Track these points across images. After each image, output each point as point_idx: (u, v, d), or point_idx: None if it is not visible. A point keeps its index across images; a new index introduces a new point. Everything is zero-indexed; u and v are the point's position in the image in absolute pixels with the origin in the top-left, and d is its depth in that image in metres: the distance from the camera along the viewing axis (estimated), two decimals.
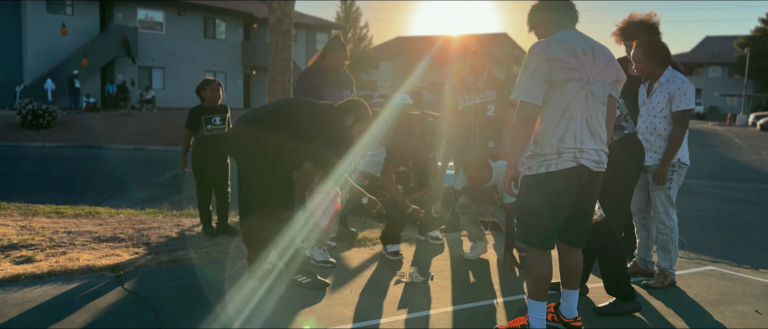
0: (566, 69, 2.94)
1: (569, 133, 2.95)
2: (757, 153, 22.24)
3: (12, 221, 5.89)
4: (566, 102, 2.96)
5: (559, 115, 2.96)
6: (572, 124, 2.95)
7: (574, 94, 2.96)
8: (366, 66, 43.92)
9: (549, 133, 2.97)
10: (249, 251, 4.08)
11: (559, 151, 2.94)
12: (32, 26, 25.59)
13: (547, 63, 2.92)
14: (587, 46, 3.04)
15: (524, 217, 3.07)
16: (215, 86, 5.49)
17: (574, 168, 2.96)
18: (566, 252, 3.22)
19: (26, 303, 3.46)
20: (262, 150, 3.85)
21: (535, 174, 3.01)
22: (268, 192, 3.89)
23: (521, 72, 2.99)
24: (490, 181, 4.74)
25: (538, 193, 2.99)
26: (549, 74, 2.93)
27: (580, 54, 2.99)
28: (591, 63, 3.00)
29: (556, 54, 2.94)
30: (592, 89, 3.00)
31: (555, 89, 2.95)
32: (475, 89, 5.52)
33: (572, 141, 2.94)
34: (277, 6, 6.98)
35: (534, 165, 3.01)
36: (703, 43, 67.18)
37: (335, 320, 3.41)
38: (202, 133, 5.38)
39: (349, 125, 3.97)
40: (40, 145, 17.29)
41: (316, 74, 4.92)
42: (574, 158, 2.95)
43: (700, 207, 9.35)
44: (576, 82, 2.96)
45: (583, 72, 2.97)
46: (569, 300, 3.25)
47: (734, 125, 40.71)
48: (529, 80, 2.93)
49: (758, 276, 4.75)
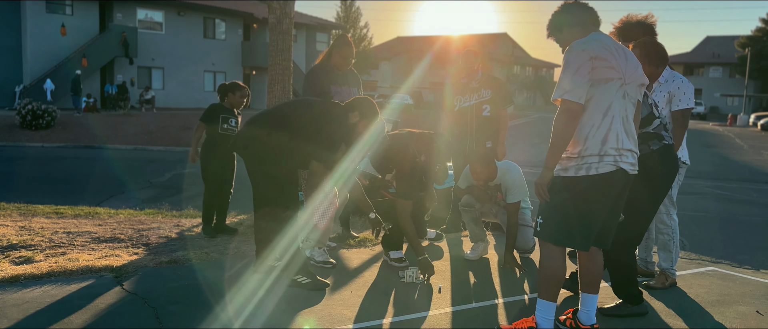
0: (608, 68, 2.91)
1: (612, 132, 2.91)
2: (758, 153, 22.23)
3: (12, 221, 5.88)
4: (608, 101, 2.92)
5: (602, 115, 2.92)
6: (614, 123, 2.93)
7: (614, 93, 2.93)
8: (366, 66, 43.92)
9: (592, 133, 2.92)
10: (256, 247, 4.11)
11: (601, 153, 2.90)
12: (32, 26, 25.58)
13: (591, 61, 2.88)
14: (619, 48, 3.02)
15: (554, 219, 2.98)
16: (245, 92, 5.51)
17: (614, 172, 2.91)
18: (588, 254, 3.15)
19: (26, 303, 3.45)
20: (266, 149, 3.86)
21: (573, 176, 2.93)
22: (271, 192, 3.90)
23: (563, 71, 2.94)
24: (495, 180, 4.73)
25: (575, 196, 2.92)
26: (592, 73, 2.89)
27: (616, 54, 2.96)
28: (625, 64, 2.98)
29: (598, 52, 2.90)
30: (627, 90, 2.98)
31: (597, 88, 2.91)
32: (469, 90, 5.55)
33: (615, 141, 2.91)
34: (277, 6, 6.97)
35: (571, 167, 2.94)
36: (704, 43, 67.20)
37: (335, 320, 3.40)
38: (216, 130, 5.36)
39: (355, 122, 3.97)
40: (40, 146, 17.28)
41: (323, 72, 4.94)
42: (615, 162, 2.91)
43: (700, 207, 9.34)
44: (616, 81, 2.93)
45: (621, 72, 2.95)
46: (588, 305, 3.18)
47: (735, 125, 40.70)
48: (573, 79, 2.87)
49: (759, 276, 4.74)
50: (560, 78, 2.94)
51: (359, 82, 5.24)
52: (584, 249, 3.02)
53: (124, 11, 28.44)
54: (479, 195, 4.84)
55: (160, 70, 30.08)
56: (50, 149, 16.87)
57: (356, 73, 5.25)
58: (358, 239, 5.35)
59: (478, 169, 4.63)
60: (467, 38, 53.49)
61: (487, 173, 4.63)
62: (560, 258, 3.02)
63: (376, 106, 4.10)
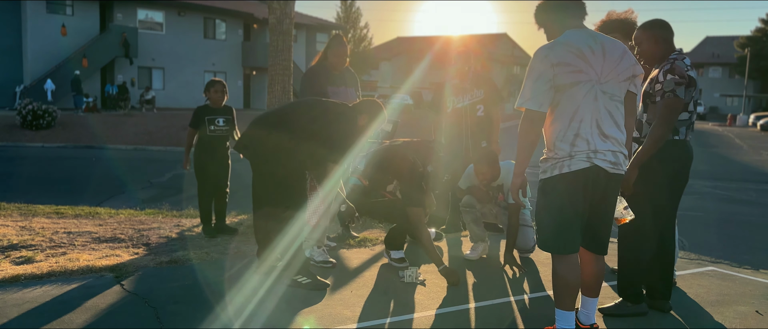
0: (572, 72, 2.87)
1: (580, 137, 2.88)
2: (758, 153, 22.23)
3: (12, 221, 5.88)
4: (574, 106, 2.89)
5: (569, 119, 2.89)
6: (582, 127, 2.88)
7: (582, 97, 2.88)
8: (366, 66, 43.94)
9: (560, 138, 2.91)
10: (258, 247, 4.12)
11: (571, 154, 2.89)
12: (32, 26, 25.59)
13: (552, 68, 2.86)
14: (596, 44, 2.93)
15: (542, 222, 3.00)
16: (219, 87, 5.51)
17: (588, 168, 2.88)
18: (587, 258, 3.13)
19: (26, 303, 3.46)
20: (270, 149, 3.87)
21: (549, 177, 2.95)
22: (273, 192, 3.91)
23: (526, 78, 2.93)
24: (497, 181, 4.73)
25: (553, 196, 2.93)
26: (554, 79, 2.86)
27: (588, 54, 2.89)
28: (601, 62, 2.91)
29: (560, 58, 2.87)
30: (604, 89, 2.91)
31: (562, 94, 2.89)
32: (462, 90, 5.58)
33: (584, 145, 2.88)
34: (277, 6, 6.98)
35: (548, 168, 2.96)
36: (704, 43, 67.19)
37: (335, 320, 3.41)
38: (205, 133, 5.39)
39: (364, 125, 4.00)
40: (40, 146, 17.28)
41: (320, 73, 4.94)
42: (588, 159, 2.88)
43: (700, 207, 9.34)
44: (584, 84, 2.88)
45: (592, 72, 2.89)
46: (587, 306, 3.18)
47: (734, 125, 40.70)
48: (534, 86, 2.87)
49: (758, 276, 4.74)
50: (523, 85, 2.94)
51: (356, 82, 5.25)
52: (572, 251, 2.95)
53: (125, 11, 28.44)
54: (480, 196, 4.83)
55: (160, 71, 30.09)
56: (51, 149, 16.87)
57: (353, 72, 5.25)
58: (358, 239, 5.35)
59: (483, 170, 4.61)
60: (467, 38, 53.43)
61: (491, 173, 4.63)
62: (568, 265, 2.96)
63: (384, 107, 4.12)
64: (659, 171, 3.52)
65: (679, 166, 3.58)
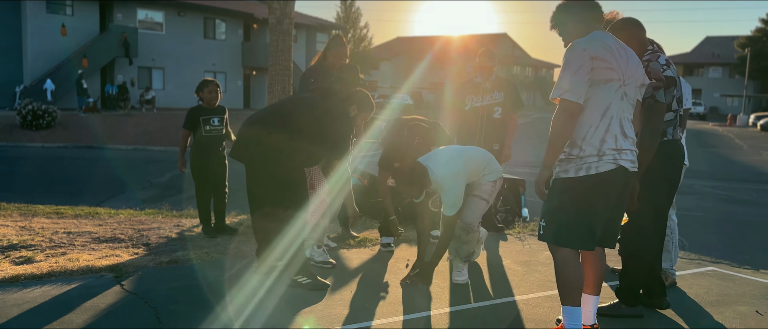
0: (607, 69, 2.88)
1: (610, 133, 2.89)
2: (758, 153, 22.23)
3: (12, 221, 5.88)
4: (607, 102, 2.90)
5: (600, 116, 2.89)
6: (612, 124, 2.90)
7: (613, 94, 2.91)
8: (366, 66, 43.94)
9: (590, 133, 2.89)
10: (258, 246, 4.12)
11: (600, 153, 2.88)
12: (32, 26, 25.57)
13: (591, 61, 2.85)
14: (621, 47, 2.99)
15: (556, 220, 2.97)
16: (213, 87, 5.50)
17: (614, 170, 2.89)
18: (592, 254, 3.14)
19: (26, 303, 3.46)
20: (267, 150, 3.86)
21: (573, 177, 2.91)
22: (272, 192, 3.90)
23: (563, 70, 2.89)
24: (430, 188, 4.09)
25: (577, 196, 2.90)
26: (592, 73, 2.86)
27: (617, 55, 2.93)
28: (626, 64, 2.95)
29: (599, 53, 2.87)
30: (626, 91, 2.95)
31: (596, 89, 2.88)
32: (482, 90, 5.49)
33: (613, 141, 2.89)
34: (277, 6, 6.98)
35: (571, 168, 2.92)
36: (704, 43, 67.17)
37: (335, 320, 3.41)
38: (201, 133, 5.39)
39: (353, 115, 4.01)
40: (40, 146, 17.29)
41: (319, 73, 4.94)
42: (614, 160, 2.89)
43: (700, 207, 9.34)
44: (615, 82, 2.90)
45: (620, 73, 2.92)
46: (589, 305, 3.18)
47: (735, 126, 40.70)
48: (573, 78, 2.84)
49: (759, 276, 4.74)
50: (560, 77, 2.91)
51: None
52: (590, 249, 2.99)
53: (125, 11, 28.43)
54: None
55: (160, 71, 30.07)
56: (51, 149, 16.87)
57: None
58: (358, 239, 5.35)
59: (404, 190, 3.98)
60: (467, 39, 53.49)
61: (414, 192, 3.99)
62: (571, 261, 2.97)
63: (371, 98, 4.15)
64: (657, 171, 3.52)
65: (671, 166, 3.60)
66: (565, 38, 3.10)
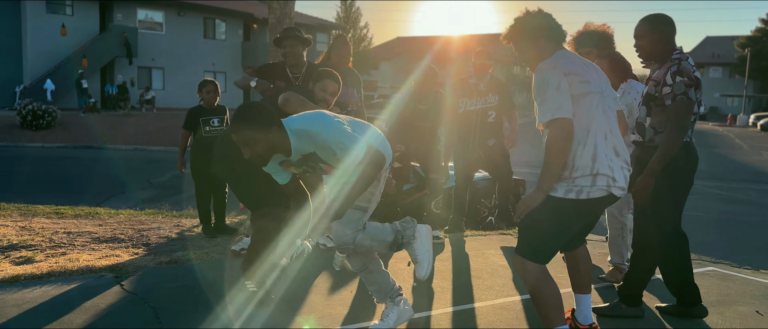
0: (581, 82, 2.73)
1: (600, 150, 2.74)
2: (758, 153, 22.23)
3: (12, 221, 5.88)
4: (588, 117, 2.74)
5: (586, 131, 2.74)
6: (599, 139, 2.75)
7: (594, 108, 2.75)
8: (366, 66, 43.95)
9: (579, 151, 2.73)
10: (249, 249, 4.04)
11: (593, 173, 2.72)
12: (32, 26, 25.59)
13: (565, 77, 2.71)
14: (586, 62, 2.89)
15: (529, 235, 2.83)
16: (211, 87, 5.50)
17: (604, 198, 2.78)
18: (573, 256, 3.13)
19: (26, 303, 3.45)
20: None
21: (560, 197, 2.74)
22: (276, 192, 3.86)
23: (544, 92, 2.71)
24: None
25: (558, 216, 2.77)
26: (570, 88, 2.72)
27: (587, 68, 2.84)
28: (597, 76, 2.84)
29: (569, 68, 2.74)
30: (607, 103, 2.83)
31: (576, 105, 2.72)
32: (477, 93, 5.47)
33: (607, 162, 2.75)
34: (277, 6, 6.98)
35: (560, 188, 2.75)
36: (704, 43, 67.20)
37: (335, 320, 3.40)
38: (201, 134, 5.39)
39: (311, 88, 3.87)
40: (40, 146, 17.29)
41: None
42: (607, 186, 2.74)
43: (700, 207, 9.34)
44: (594, 94, 2.76)
45: (597, 84, 2.80)
46: (582, 305, 3.16)
47: (735, 125, 40.70)
48: (556, 95, 2.67)
49: (759, 276, 4.74)
50: (542, 100, 2.71)
51: (360, 82, 5.24)
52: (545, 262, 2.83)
53: (125, 11, 28.44)
54: None
55: (160, 71, 30.08)
56: (50, 149, 16.88)
57: (356, 72, 5.25)
58: None
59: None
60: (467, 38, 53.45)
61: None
62: (545, 277, 2.80)
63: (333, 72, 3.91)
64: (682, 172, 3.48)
65: (691, 167, 3.57)
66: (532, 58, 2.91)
